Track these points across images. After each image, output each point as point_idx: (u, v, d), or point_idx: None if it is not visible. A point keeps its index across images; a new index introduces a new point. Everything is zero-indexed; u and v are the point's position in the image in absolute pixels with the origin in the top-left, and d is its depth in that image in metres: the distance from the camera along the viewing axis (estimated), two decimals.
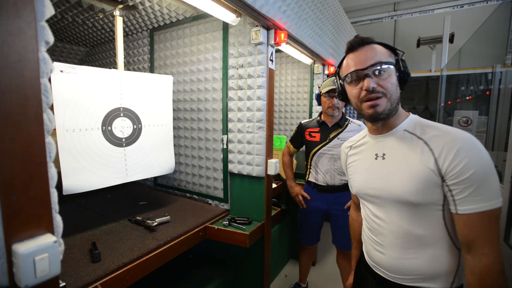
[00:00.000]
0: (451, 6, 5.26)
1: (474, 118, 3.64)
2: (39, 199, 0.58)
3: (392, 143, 0.82)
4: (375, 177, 0.86)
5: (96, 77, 1.28)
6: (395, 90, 0.78)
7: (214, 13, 1.33)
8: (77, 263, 1.06)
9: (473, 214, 0.69)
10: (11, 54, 0.52)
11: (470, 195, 0.69)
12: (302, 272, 2.16)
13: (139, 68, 2.14)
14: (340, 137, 1.87)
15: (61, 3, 1.60)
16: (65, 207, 1.67)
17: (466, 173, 0.68)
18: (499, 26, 4.15)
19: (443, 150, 0.71)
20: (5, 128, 0.52)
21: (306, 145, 1.96)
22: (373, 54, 0.77)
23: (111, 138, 1.36)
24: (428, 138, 0.75)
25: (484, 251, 0.69)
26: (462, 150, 0.69)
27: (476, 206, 0.68)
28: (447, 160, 0.70)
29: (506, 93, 3.30)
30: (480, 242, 0.69)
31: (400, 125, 0.82)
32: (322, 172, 1.90)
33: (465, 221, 0.70)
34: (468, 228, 0.70)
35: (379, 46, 0.80)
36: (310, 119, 2.03)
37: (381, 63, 0.76)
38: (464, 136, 0.71)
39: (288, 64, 2.86)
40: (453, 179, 0.70)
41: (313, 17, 1.88)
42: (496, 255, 0.69)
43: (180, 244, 1.32)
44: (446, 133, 0.73)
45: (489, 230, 0.69)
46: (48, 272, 0.58)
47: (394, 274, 0.84)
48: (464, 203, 0.70)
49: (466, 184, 0.68)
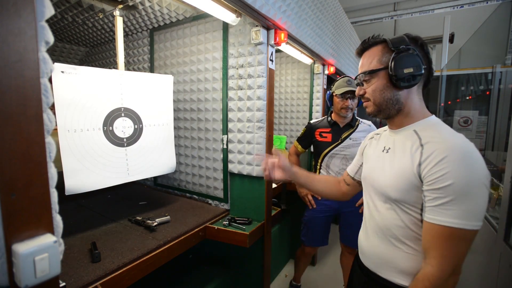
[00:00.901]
0: (451, 6, 5.26)
1: (474, 118, 3.64)
2: (39, 199, 0.58)
3: (398, 139, 0.84)
4: (376, 168, 0.89)
5: (96, 77, 1.28)
6: (380, 94, 0.82)
7: (214, 13, 1.33)
8: (77, 263, 1.06)
9: (435, 224, 0.68)
10: (11, 54, 0.52)
11: (439, 206, 0.67)
12: (299, 272, 2.16)
13: (139, 68, 2.14)
14: (352, 137, 1.87)
15: (61, 3, 1.60)
16: (65, 207, 1.67)
17: (443, 182, 0.66)
18: (499, 26, 4.15)
19: (431, 156, 0.70)
20: (5, 128, 0.52)
21: (316, 146, 1.94)
22: (363, 63, 0.85)
23: (112, 138, 1.36)
24: (426, 142, 0.75)
25: (431, 262, 0.70)
26: (447, 159, 0.67)
27: (440, 219, 0.67)
28: (429, 166, 0.70)
29: (506, 93, 3.29)
30: (432, 252, 0.70)
31: (411, 125, 0.82)
32: (334, 172, 1.90)
33: (427, 229, 0.71)
34: (427, 235, 0.71)
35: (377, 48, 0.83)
36: (319, 119, 2.01)
37: (363, 73, 0.83)
38: (459, 147, 0.68)
39: (288, 64, 2.86)
40: (429, 185, 0.69)
41: (313, 17, 1.88)
42: (439, 270, 0.68)
43: (180, 244, 1.32)
44: (443, 141, 0.71)
45: (444, 246, 0.68)
46: (48, 272, 0.58)
47: (372, 263, 0.89)
48: (431, 212, 0.69)
49: (439, 194, 0.67)
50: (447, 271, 0.68)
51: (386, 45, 0.81)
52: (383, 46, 0.81)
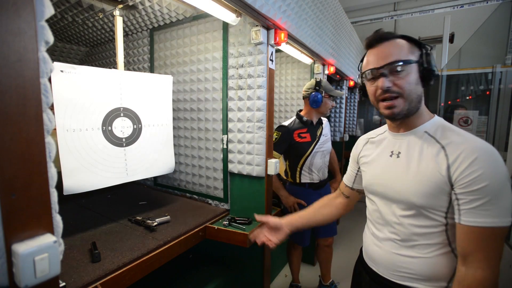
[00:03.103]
0: (451, 6, 5.25)
1: (474, 118, 3.64)
2: (39, 199, 0.58)
3: (410, 143, 0.81)
4: (385, 173, 0.85)
5: (96, 77, 1.27)
6: (414, 89, 0.75)
7: (214, 13, 1.33)
8: (77, 263, 1.06)
9: (476, 227, 0.66)
10: (11, 54, 0.51)
11: (477, 207, 0.66)
12: (295, 271, 2.17)
13: (139, 68, 2.14)
14: (324, 134, 1.98)
15: (61, 3, 1.60)
16: (65, 207, 1.67)
17: (479, 184, 0.65)
18: (499, 26, 4.15)
19: (459, 157, 0.69)
20: (5, 128, 0.52)
21: (296, 148, 1.89)
22: (391, 52, 0.75)
23: (111, 138, 1.36)
24: (446, 143, 0.73)
25: (480, 265, 0.67)
26: (479, 160, 0.66)
27: (481, 220, 0.66)
28: (460, 168, 0.68)
29: (506, 93, 3.29)
30: (477, 256, 0.67)
31: (422, 126, 0.80)
32: (317, 170, 1.95)
33: (467, 232, 0.68)
34: (468, 240, 0.68)
35: (401, 40, 0.77)
36: (291, 120, 1.96)
37: (397, 61, 0.73)
38: (485, 147, 0.68)
39: (288, 64, 2.86)
40: (463, 188, 0.67)
41: (313, 17, 1.88)
42: (491, 272, 0.66)
43: (180, 244, 1.32)
44: (466, 141, 0.70)
45: (490, 247, 0.66)
46: (48, 272, 0.58)
47: (387, 270, 0.84)
48: (468, 215, 0.67)
49: (476, 195, 0.66)
50: (497, 272, 0.67)
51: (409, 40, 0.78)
52: (406, 40, 0.77)
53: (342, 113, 3.40)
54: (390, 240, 0.83)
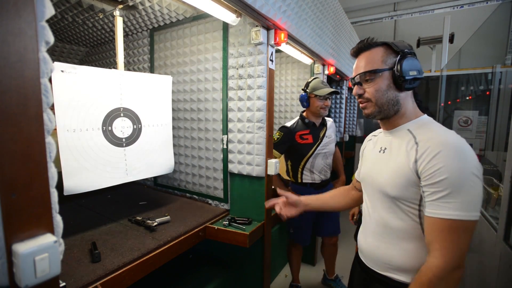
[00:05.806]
0: (451, 6, 5.26)
1: (474, 118, 3.64)
2: (39, 199, 0.58)
3: (393, 139, 0.87)
4: (373, 168, 0.92)
5: (96, 77, 1.28)
6: (383, 94, 0.82)
7: (214, 13, 1.33)
8: (77, 263, 1.06)
9: (436, 218, 0.71)
10: (11, 54, 0.52)
11: (438, 199, 0.70)
12: (295, 271, 2.18)
13: (139, 68, 2.14)
14: (327, 135, 1.97)
15: (61, 3, 1.60)
16: (65, 207, 1.67)
17: (439, 177, 0.69)
18: (499, 26, 4.15)
19: (426, 151, 0.73)
20: (5, 128, 0.52)
21: (298, 149, 1.91)
22: (364, 63, 0.84)
23: (111, 138, 1.36)
24: (420, 139, 0.77)
25: (435, 254, 0.71)
26: (441, 154, 0.70)
27: (440, 212, 0.70)
28: (425, 161, 0.72)
29: (506, 93, 3.29)
30: (435, 245, 0.72)
31: (405, 125, 0.85)
32: (318, 171, 1.95)
33: (429, 223, 0.73)
34: (430, 230, 0.73)
35: (378, 49, 0.83)
36: (294, 121, 1.97)
37: (366, 73, 0.83)
38: (452, 141, 0.71)
39: (288, 64, 2.86)
40: (426, 180, 0.72)
41: (313, 17, 1.88)
42: (443, 262, 0.69)
43: (180, 244, 1.32)
44: (436, 136, 0.75)
45: (448, 239, 0.69)
46: (48, 272, 0.58)
47: (371, 261, 0.91)
48: (431, 206, 0.72)
49: (437, 188, 0.70)
50: (451, 263, 0.69)
51: (388, 47, 0.83)
52: (385, 48, 0.83)
53: (342, 113, 3.40)
54: (374, 233, 0.90)
